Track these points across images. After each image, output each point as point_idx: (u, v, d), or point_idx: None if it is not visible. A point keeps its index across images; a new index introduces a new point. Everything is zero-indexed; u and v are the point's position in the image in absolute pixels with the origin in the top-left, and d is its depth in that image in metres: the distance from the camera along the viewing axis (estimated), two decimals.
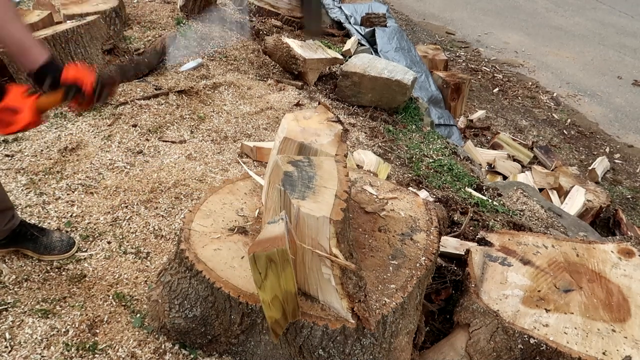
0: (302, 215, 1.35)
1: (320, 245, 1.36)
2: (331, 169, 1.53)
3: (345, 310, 1.44)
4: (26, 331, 1.77)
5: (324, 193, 1.41)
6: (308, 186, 1.43)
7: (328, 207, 1.36)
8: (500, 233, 2.17)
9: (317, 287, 1.47)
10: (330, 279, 1.40)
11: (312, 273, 1.44)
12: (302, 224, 1.37)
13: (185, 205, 2.52)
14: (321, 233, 1.35)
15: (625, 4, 10.23)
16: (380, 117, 4.02)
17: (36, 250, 2.06)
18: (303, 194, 1.40)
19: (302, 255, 1.42)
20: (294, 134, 1.71)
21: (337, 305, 1.45)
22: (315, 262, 1.40)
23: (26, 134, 2.87)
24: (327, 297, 1.47)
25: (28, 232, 2.05)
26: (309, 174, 1.49)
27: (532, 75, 7.09)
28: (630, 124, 6.12)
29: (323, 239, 1.35)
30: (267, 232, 1.32)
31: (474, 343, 1.76)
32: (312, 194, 1.41)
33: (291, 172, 1.49)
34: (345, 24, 6.17)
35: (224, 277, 1.55)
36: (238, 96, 3.70)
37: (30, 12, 3.52)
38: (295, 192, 1.40)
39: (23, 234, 2.04)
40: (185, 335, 1.69)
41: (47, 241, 2.07)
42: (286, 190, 1.40)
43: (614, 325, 1.72)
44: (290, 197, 1.38)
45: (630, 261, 2.00)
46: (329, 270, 1.39)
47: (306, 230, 1.37)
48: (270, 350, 1.58)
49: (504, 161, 4.76)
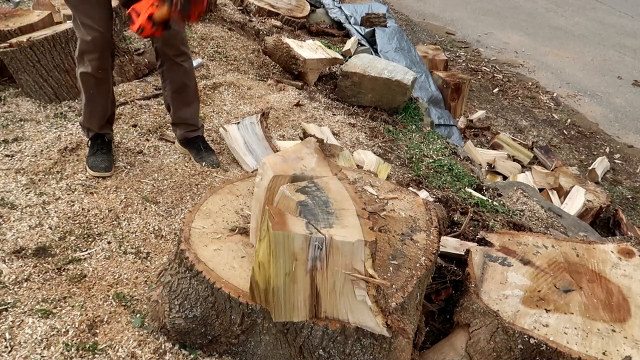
0: (336, 244, 1.32)
1: (355, 269, 1.35)
2: (339, 189, 1.49)
3: (381, 326, 1.42)
4: (26, 331, 1.77)
5: (346, 215, 1.38)
6: (328, 212, 1.39)
7: (357, 229, 1.33)
8: (500, 233, 2.17)
9: (346, 310, 1.44)
10: (366, 300, 1.38)
11: (343, 298, 1.41)
12: (335, 252, 1.34)
13: (185, 205, 2.52)
14: (356, 257, 1.33)
15: (625, 4, 10.23)
16: (380, 117, 4.02)
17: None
18: (328, 221, 1.36)
19: (333, 283, 1.38)
20: (279, 167, 1.56)
21: (371, 324, 1.43)
22: (348, 287, 1.38)
23: (26, 134, 2.87)
24: (358, 317, 1.44)
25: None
26: (322, 199, 1.44)
27: (532, 75, 7.09)
28: (630, 124, 6.12)
29: (358, 262, 1.33)
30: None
31: (474, 343, 1.76)
32: (336, 219, 1.37)
33: (304, 200, 1.42)
34: (345, 24, 6.17)
35: (224, 278, 1.55)
36: (238, 96, 3.70)
37: (30, 12, 3.52)
38: (320, 222, 1.35)
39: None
40: (185, 336, 1.69)
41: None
42: (309, 221, 1.35)
43: (614, 326, 1.72)
44: (317, 227, 1.33)
45: (630, 261, 2.00)
46: (363, 292, 1.37)
47: (340, 258, 1.34)
48: (271, 350, 1.58)
49: (504, 161, 4.76)
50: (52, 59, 3.10)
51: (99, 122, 2.63)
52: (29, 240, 2.16)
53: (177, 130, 2.83)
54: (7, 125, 2.92)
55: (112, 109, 2.68)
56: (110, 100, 2.64)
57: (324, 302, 1.44)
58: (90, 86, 2.51)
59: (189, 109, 2.74)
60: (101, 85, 2.51)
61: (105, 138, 2.68)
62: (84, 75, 2.47)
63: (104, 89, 2.54)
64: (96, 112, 2.60)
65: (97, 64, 2.42)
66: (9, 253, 2.08)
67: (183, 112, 2.74)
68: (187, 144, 2.83)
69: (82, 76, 2.49)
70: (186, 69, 2.60)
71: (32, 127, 2.95)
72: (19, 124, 2.96)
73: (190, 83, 2.67)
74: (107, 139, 2.69)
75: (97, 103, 2.57)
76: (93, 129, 2.64)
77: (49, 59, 3.09)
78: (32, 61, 3.06)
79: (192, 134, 2.81)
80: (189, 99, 2.72)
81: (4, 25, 3.32)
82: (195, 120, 2.79)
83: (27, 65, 3.07)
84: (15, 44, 3.02)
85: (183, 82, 2.63)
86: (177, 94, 2.67)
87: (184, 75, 2.62)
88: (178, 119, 2.77)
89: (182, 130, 2.80)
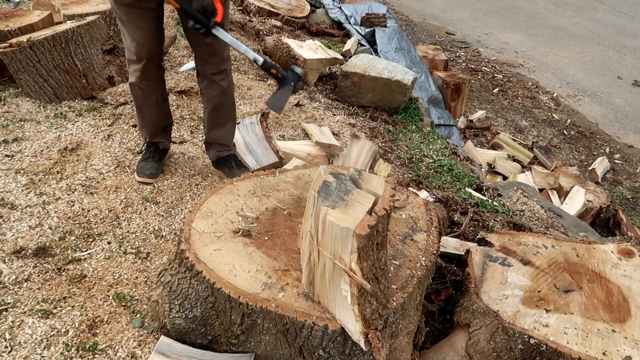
0: (328, 223, 1.34)
1: (342, 259, 1.35)
2: (378, 187, 1.50)
3: (359, 335, 1.40)
4: (26, 331, 1.77)
5: (355, 207, 1.39)
6: (342, 198, 1.42)
7: (355, 220, 1.34)
8: (500, 233, 2.17)
9: (335, 303, 1.45)
10: (347, 297, 1.38)
11: (332, 287, 1.42)
12: (327, 232, 1.35)
13: (185, 205, 2.52)
14: (344, 246, 1.33)
15: (625, 4, 10.24)
16: (380, 118, 4.02)
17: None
18: (335, 203, 1.39)
19: (324, 265, 1.41)
20: None
21: (351, 327, 1.42)
22: (336, 275, 1.39)
23: (26, 134, 2.87)
24: (343, 316, 1.44)
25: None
26: (347, 188, 1.47)
27: (532, 75, 7.09)
28: (630, 124, 6.12)
29: (345, 253, 1.34)
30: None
31: (474, 343, 1.76)
32: (344, 205, 1.39)
33: (330, 182, 1.47)
34: (345, 24, 6.18)
35: (225, 278, 1.55)
36: (238, 96, 3.70)
37: (30, 12, 3.52)
38: (327, 201, 1.39)
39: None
40: (185, 336, 1.69)
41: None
42: (320, 197, 1.39)
43: (614, 326, 1.72)
44: (321, 203, 1.37)
45: (630, 261, 2.00)
46: (347, 287, 1.37)
47: (330, 241, 1.36)
48: (271, 350, 1.58)
49: (504, 161, 4.76)
50: (52, 59, 3.10)
51: (151, 131, 2.66)
52: (29, 240, 2.16)
53: (209, 151, 2.75)
54: (7, 125, 2.92)
55: (165, 120, 2.68)
56: (163, 111, 2.65)
57: (317, 285, 1.46)
58: (138, 97, 2.53)
59: (223, 130, 2.67)
60: (148, 96, 2.52)
61: (159, 146, 2.70)
62: (131, 85, 2.50)
63: (151, 100, 2.54)
64: (146, 122, 2.63)
65: (140, 75, 2.42)
66: (9, 253, 2.08)
67: (217, 132, 2.67)
68: (219, 164, 2.74)
69: (130, 86, 2.52)
70: (223, 88, 2.51)
71: (32, 127, 2.95)
72: (19, 124, 2.96)
73: (227, 102, 2.59)
74: (161, 147, 2.71)
75: (147, 113, 2.59)
76: (146, 136, 2.69)
77: (49, 59, 3.09)
78: (32, 61, 3.06)
79: (223, 153, 2.72)
80: (225, 118, 2.64)
81: (4, 25, 3.32)
82: (228, 140, 2.71)
83: (27, 65, 3.07)
84: (15, 44, 3.02)
85: (219, 102, 2.56)
86: (213, 113, 2.61)
87: (221, 94, 2.53)
88: (210, 138, 2.70)
89: (214, 150, 2.72)
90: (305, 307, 1.49)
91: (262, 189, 1.94)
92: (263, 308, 1.47)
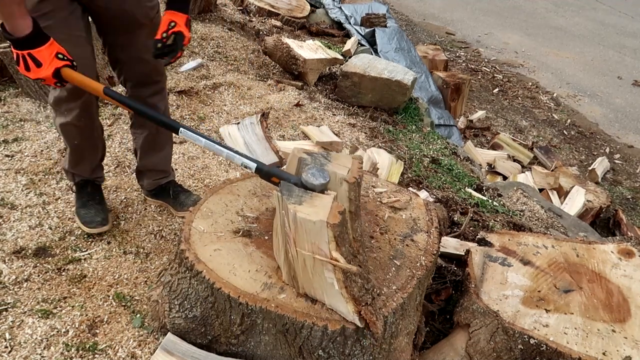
0: (300, 221, 1.34)
1: (321, 249, 1.36)
2: (346, 163, 1.53)
3: (352, 314, 1.42)
4: (26, 331, 1.77)
5: (322, 197, 1.40)
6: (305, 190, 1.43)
7: (325, 210, 1.35)
8: (500, 233, 2.17)
9: (322, 291, 1.46)
10: (334, 283, 1.39)
11: (316, 278, 1.43)
12: (300, 229, 1.36)
13: None
14: (321, 237, 1.34)
15: (625, 4, 10.24)
16: (380, 118, 4.02)
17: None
18: (300, 198, 1.39)
19: (304, 260, 1.42)
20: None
21: (343, 309, 1.44)
22: (318, 266, 1.40)
23: (26, 134, 2.87)
24: (333, 301, 1.46)
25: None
26: (322, 162, 1.50)
27: (532, 75, 7.09)
28: (630, 124, 6.13)
29: (322, 243, 1.35)
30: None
31: (474, 343, 1.76)
32: (310, 198, 1.40)
33: (305, 158, 1.50)
34: (345, 24, 6.18)
35: (224, 278, 1.55)
36: (238, 96, 3.70)
37: None
38: (292, 197, 1.39)
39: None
40: (185, 336, 1.69)
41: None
42: (284, 195, 1.39)
43: (614, 326, 1.72)
44: (287, 202, 1.37)
45: (630, 261, 2.00)
46: (331, 275, 1.38)
47: (305, 236, 1.37)
48: (270, 350, 1.58)
49: (504, 161, 4.77)
50: None
51: (90, 167, 2.21)
52: (29, 240, 2.16)
53: (144, 180, 2.37)
54: (7, 126, 2.92)
55: (104, 148, 2.27)
56: (102, 140, 2.22)
57: (300, 279, 1.47)
58: (73, 136, 2.07)
59: (160, 154, 2.30)
60: (86, 132, 2.07)
61: (95, 182, 2.28)
62: (64, 126, 2.03)
63: (90, 134, 2.10)
64: (85, 159, 2.18)
65: (79, 113, 1.97)
66: (9, 253, 2.08)
67: (153, 158, 2.30)
68: (159, 194, 2.39)
69: (62, 127, 2.05)
70: (162, 110, 2.16)
71: (32, 127, 2.95)
72: (19, 124, 2.96)
73: None
74: (97, 183, 2.29)
75: (86, 149, 2.15)
76: (82, 175, 2.22)
77: None
78: None
79: (162, 180, 2.36)
80: (163, 142, 2.29)
81: None
82: (166, 166, 2.36)
83: None
84: None
85: (156, 127, 2.16)
86: (149, 137, 2.24)
87: None
88: (145, 166, 2.32)
89: (150, 178, 2.35)
90: (305, 307, 1.49)
91: (262, 189, 1.94)
92: (263, 308, 1.47)
